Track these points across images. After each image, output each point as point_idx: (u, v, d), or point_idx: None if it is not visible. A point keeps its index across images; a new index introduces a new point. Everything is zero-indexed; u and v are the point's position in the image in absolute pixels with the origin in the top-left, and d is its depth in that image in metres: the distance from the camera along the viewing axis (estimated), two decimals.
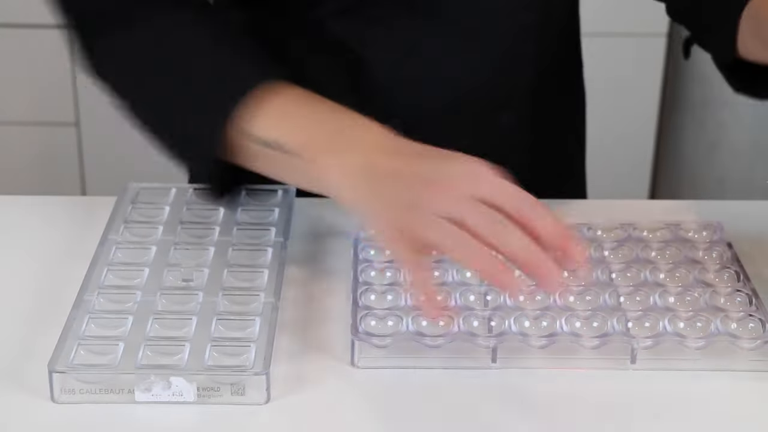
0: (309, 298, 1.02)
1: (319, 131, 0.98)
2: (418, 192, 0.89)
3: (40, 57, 2.41)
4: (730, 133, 2.45)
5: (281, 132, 0.98)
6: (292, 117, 1.00)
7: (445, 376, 0.93)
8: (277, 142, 0.98)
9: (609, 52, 2.35)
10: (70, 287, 1.00)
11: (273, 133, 0.98)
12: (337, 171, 0.94)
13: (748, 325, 0.96)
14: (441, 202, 0.87)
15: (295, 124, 0.99)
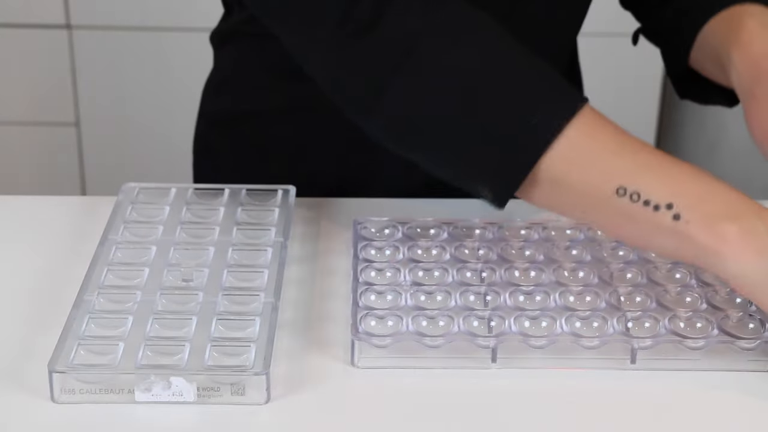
0: (309, 298, 1.02)
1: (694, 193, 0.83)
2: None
3: (40, 57, 2.41)
4: (730, 133, 2.45)
5: (634, 181, 0.84)
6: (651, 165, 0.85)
7: (445, 376, 0.93)
8: (636, 192, 0.84)
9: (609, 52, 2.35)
10: (70, 287, 1.00)
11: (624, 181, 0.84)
12: (741, 246, 0.82)
13: (748, 325, 0.96)
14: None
15: (659, 175, 0.85)
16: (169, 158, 2.38)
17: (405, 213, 1.11)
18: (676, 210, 0.82)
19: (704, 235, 0.82)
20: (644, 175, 0.85)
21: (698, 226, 0.82)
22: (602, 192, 0.86)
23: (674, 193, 0.83)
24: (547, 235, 1.08)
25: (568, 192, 0.88)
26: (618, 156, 0.86)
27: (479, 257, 1.05)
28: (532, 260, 1.04)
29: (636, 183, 0.84)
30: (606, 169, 0.86)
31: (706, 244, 0.82)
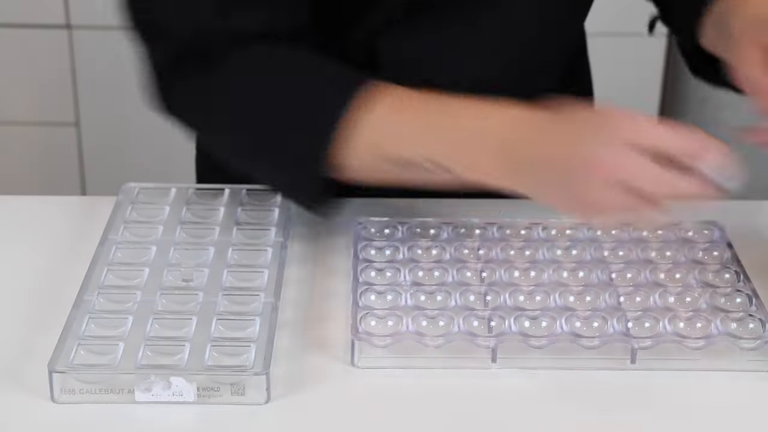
0: (309, 298, 1.02)
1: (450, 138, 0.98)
2: (582, 178, 0.91)
3: (40, 57, 2.41)
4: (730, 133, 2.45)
5: (416, 148, 0.98)
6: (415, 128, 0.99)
7: (445, 376, 0.93)
8: (414, 160, 0.98)
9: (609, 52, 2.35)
10: (70, 287, 1.00)
11: (409, 151, 0.99)
12: (481, 168, 0.96)
13: (748, 325, 0.96)
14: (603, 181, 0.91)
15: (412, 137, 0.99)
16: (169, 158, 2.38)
17: (405, 213, 1.11)
18: (437, 159, 0.97)
19: (467, 167, 0.98)
20: (402, 141, 0.99)
21: (457, 163, 0.97)
22: (369, 161, 1.00)
23: (431, 149, 0.98)
24: (547, 235, 1.08)
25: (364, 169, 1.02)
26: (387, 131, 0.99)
27: (479, 257, 1.04)
28: (532, 260, 1.04)
29: (396, 149, 0.99)
30: (377, 142, 0.99)
31: (469, 171, 0.98)
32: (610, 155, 0.91)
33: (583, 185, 0.92)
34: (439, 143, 0.98)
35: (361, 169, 1.02)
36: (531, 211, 1.14)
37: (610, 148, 0.91)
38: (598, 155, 0.91)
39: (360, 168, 1.01)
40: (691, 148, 0.92)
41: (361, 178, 1.03)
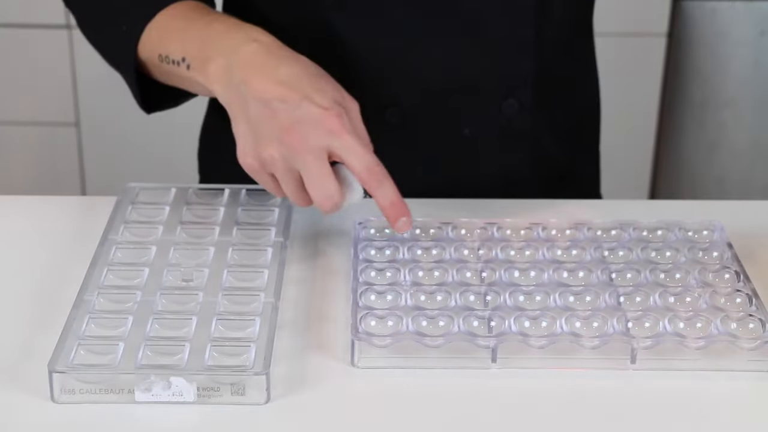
0: (309, 298, 1.02)
1: (196, 43, 1.03)
2: (277, 132, 0.96)
3: (40, 57, 2.41)
4: (730, 133, 2.46)
5: (166, 46, 1.06)
6: (176, 30, 1.06)
7: (445, 376, 0.93)
8: (167, 56, 1.06)
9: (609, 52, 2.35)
10: (70, 287, 1.00)
11: (162, 47, 1.06)
12: (209, 76, 1.01)
13: (748, 325, 0.96)
14: (293, 150, 0.96)
15: (178, 37, 1.06)
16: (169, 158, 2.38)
17: None
18: (187, 62, 1.03)
19: (202, 77, 1.02)
20: (168, 40, 1.06)
21: (198, 70, 1.02)
22: (155, 60, 1.07)
23: (185, 49, 1.04)
24: (547, 235, 1.08)
25: (151, 69, 1.10)
26: (165, 30, 1.07)
27: (479, 257, 1.05)
28: (532, 260, 1.04)
29: (164, 48, 1.06)
30: (156, 42, 1.07)
31: (204, 82, 1.02)
32: (296, 120, 0.95)
33: (256, 125, 0.97)
34: (187, 44, 1.04)
35: (153, 67, 1.08)
36: (531, 212, 1.14)
37: (303, 109, 0.95)
38: (286, 110, 0.95)
39: (152, 66, 1.08)
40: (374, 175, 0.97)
41: (159, 78, 1.09)
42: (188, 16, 1.08)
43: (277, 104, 0.97)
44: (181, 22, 1.07)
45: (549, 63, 1.19)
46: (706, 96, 2.43)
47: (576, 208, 1.18)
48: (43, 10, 2.38)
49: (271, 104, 0.97)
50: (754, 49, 2.40)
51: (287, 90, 0.97)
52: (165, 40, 1.07)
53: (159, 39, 1.07)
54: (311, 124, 0.96)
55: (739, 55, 2.40)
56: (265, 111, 0.97)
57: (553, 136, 1.24)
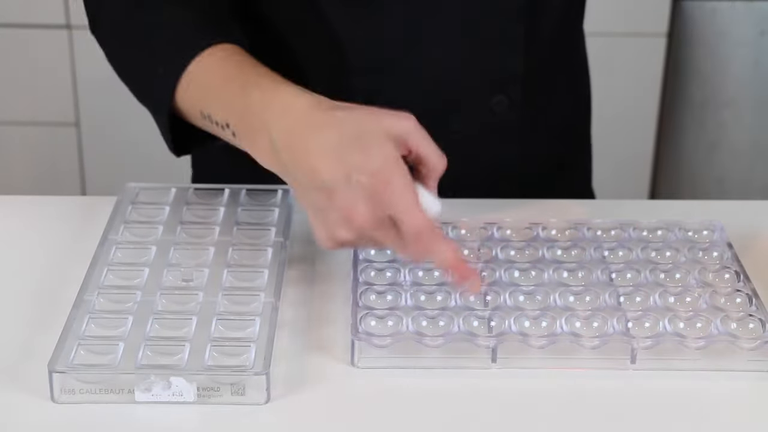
0: (309, 298, 1.02)
1: (236, 113, 0.99)
2: (341, 215, 0.92)
3: (40, 57, 2.41)
4: (730, 133, 2.46)
5: (207, 105, 1.02)
6: (213, 90, 1.02)
7: (445, 376, 0.93)
8: (209, 115, 1.02)
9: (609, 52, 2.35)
10: (70, 287, 1.00)
11: (204, 106, 1.02)
12: (260, 154, 0.97)
13: (748, 325, 0.96)
14: (362, 230, 0.92)
15: (215, 98, 1.01)
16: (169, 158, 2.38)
17: None
18: (231, 129, 1.00)
19: (251, 151, 0.98)
20: (208, 99, 1.02)
21: (244, 142, 0.99)
22: (198, 115, 1.04)
23: (227, 116, 1.00)
24: (547, 235, 1.08)
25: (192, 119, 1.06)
26: (202, 88, 1.03)
27: (479, 257, 1.04)
28: (532, 260, 1.04)
29: (206, 107, 1.02)
30: (196, 98, 1.04)
31: (255, 157, 0.98)
32: (353, 201, 0.91)
33: (322, 212, 0.93)
34: (230, 111, 1.00)
35: (195, 119, 1.05)
36: (531, 212, 1.14)
37: (353, 186, 0.91)
38: (339, 191, 0.91)
39: (194, 118, 1.05)
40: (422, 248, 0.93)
41: (201, 126, 1.05)
42: (224, 72, 1.02)
43: (329, 185, 0.92)
44: (218, 80, 1.02)
45: (539, 60, 1.19)
46: (706, 96, 2.43)
47: (576, 208, 1.18)
48: (43, 10, 2.38)
49: (325, 187, 0.92)
50: (754, 49, 2.40)
51: (334, 166, 0.91)
52: (205, 99, 1.03)
53: (198, 96, 1.03)
54: (366, 200, 0.91)
55: (739, 55, 2.40)
56: (322, 195, 0.92)
57: (543, 132, 1.24)
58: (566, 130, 1.29)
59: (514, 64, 1.17)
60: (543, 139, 1.25)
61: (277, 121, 0.95)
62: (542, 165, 1.25)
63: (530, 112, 1.20)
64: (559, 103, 1.26)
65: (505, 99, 1.18)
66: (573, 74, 1.29)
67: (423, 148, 0.94)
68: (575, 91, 1.30)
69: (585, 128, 1.33)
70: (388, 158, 0.91)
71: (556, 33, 1.22)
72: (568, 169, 1.31)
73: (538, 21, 1.18)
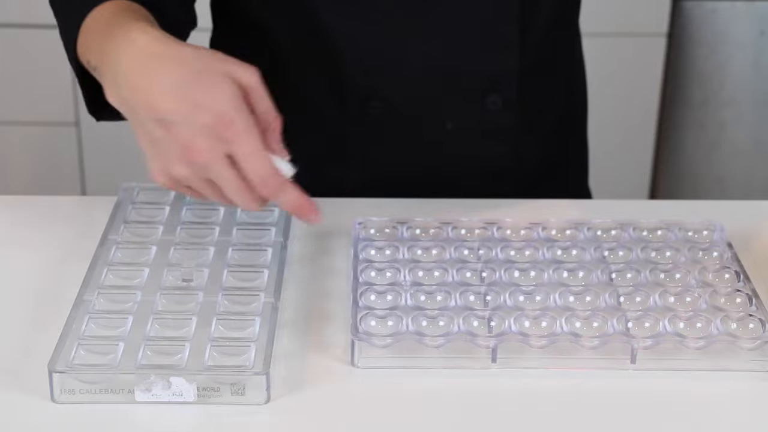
0: (309, 298, 1.02)
1: (98, 50, 1.00)
2: (179, 149, 0.91)
3: (40, 57, 2.41)
4: (730, 133, 2.46)
5: (90, 52, 1.02)
6: (94, 34, 1.02)
7: (445, 376, 0.93)
8: (89, 61, 1.02)
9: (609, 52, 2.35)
10: (70, 287, 1.00)
11: (89, 53, 1.02)
12: (107, 90, 0.98)
13: (748, 325, 0.96)
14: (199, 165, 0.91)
15: (94, 42, 1.02)
16: None
17: (405, 213, 1.11)
18: (99, 70, 0.99)
19: (103, 84, 0.99)
20: (91, 46, 1.02)
21: (100, 78, 0.99)
22: (89, 67, 1.03)
23: (96, 57, 1.00)
24: (547, 235, 1.08)
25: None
26: (88, 34, 1.03)
27: (479, 257, 1.04)
28: (532, 260, 1.04)
29: (89, 54, 1.02)
30: (85, 47, 1.03)
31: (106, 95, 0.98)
32: (193, 135, 0.90)
33: (159, 144, 0.92)
34: (97, 53, 1.00)
35: (92, 69, 1.03)
36: (531, 212, 1.14)
37: (196, 125, 0.90)
38: (178, 126, 0.91)
39: (90, 67, 1.03)
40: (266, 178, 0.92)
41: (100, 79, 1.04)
42: (103, 21, 1.03)
43: (169, 120, 0.91)
44: (98, 27, 1.03)
45: (533, 60, 1.19)
46: (706, 96, 2.43)
47: (575, 208, 1.18)
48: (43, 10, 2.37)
49: (164, 121, 0.92)
50: (754, 49, 2.40)
51: (175, 102, 0.91)
52: (88, 47, 1.03)
53: (85, 45, 1.04)
54: (207, 136, 0.90)
55: (739, 55, 2.40)
56: (161, 129, 0.92)
57: (538, 131, 1.24)
58: (561, 129, 1.29)
59: (507, 64, 1.17)
60: (538, 139, 1.25)
61: (121, 56, 0.96)
62: (537, 164, 1.25)
63: (524, 112, 1.21)
64: (554, 103, 1.26)
65: (498, 99, 1.18)
66: (568, 73, 1.29)
67: (262, 105, 0.93)
68: (571, 90, 1.30)
69: (581, 126, 1.33)
70: (231, 99, 0.91)
71: (550, 33, 1.22)
72: (563, 168, 1.31)
73: (532, 21, 1.18)
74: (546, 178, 1.26)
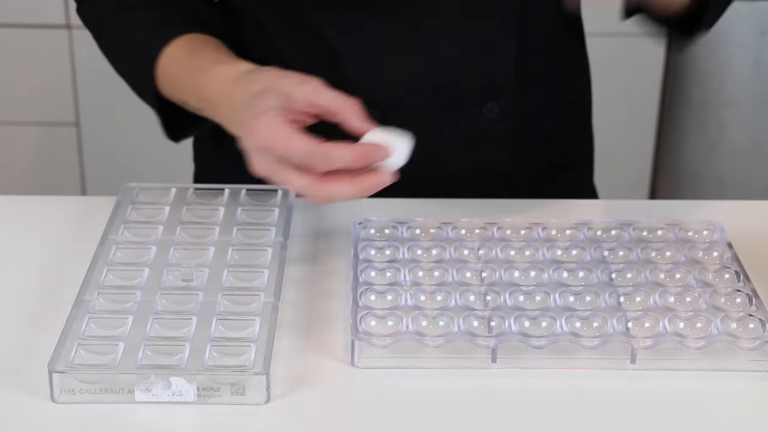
0: (309, 298, 1.02)
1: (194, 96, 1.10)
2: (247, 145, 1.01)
3: (40, 57, 2.41)
4: (730, 133, 2.45)
5: (179, 93, 1.11)
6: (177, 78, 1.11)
7: (445, 376, 0.93)
8: (185, 102, 1.11)
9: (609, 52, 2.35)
10: (70, 287, 1.00)
11: (179, 94, 1.11)
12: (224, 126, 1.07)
13: (748, 325, 0.96)
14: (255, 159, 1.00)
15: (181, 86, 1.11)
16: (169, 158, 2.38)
17: (405, 213, 1.11)
18: (206, 111, 1.09)
19: (220, 122, 1.07)
20: (179, 88, 1.11)
21: (215, 117, 1.08)
22: (181, 103, 1.12)
23: (193, 99, 1.10)
24: (547, 235, 1.08)
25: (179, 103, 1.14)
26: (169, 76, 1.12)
27: (479, 257, 1.04)
28: (532, 260, 1.04)
29: (180, 95, 1.11)
30: (171, 87, 1.13)
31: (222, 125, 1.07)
32: (261, 126, 0.98)
33: (248, 151, 1.00)
34: (193, 96, 1.10)
35: (182, 104, 1.13)
36: (531, 212, 1.14)
37: (261, 118, 0.98)
38: (251, 125, 0.99)
39: (177, 102, 1.13)
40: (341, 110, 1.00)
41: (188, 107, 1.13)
42: (180, 62, 1.11)
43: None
44: (177, 69, 1.11)
45: (533, 66, 1.19)
46: (706, 96, 2.43)
47: (576, 207, 1.18)
48: (43, 10, 2.37)
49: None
50: (754, 49, 2.40)
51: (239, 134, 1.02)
52: (175, 87, 1.12)
53: (171, 86, 1.12)
54: (258, 154, 0.99)
55: (739, 55, 2.40)
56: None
57: (537, 137, 1.24)
58: (564, 132, 1.28)
59: (505, 73, 1.17)
60: (537, 144, 1.24)
61: (216, 96, 1.06)
62: (538, 168, 1.25)
63: (523, 119, 1.20)
64: (554, 108, 1.26)
65: (495, 106, 1.18)
66: (570, 77, 1.29)
67: (329, 101, 1.00)
68: (573, 93, 1.29)
69: (586, 127, 1.33)
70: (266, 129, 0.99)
71: (551, 40, 1.22)
72: (569, 170, 1.30)
73: (530, 30, 1.18)
74: (548, 179, 1.26)
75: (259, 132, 0.98)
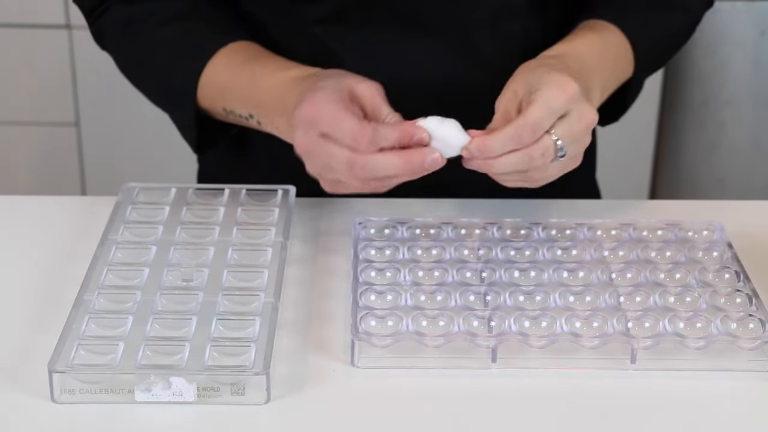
0: (309, 298, 1.02)
1: (252, 102, 1.10)
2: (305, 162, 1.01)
3: (40, 57, 2.41)
4: (730, 133, 2.45)
5: (226, 101, 1.12)
6: (227, 86, 1.12)
7: (445, 376, 0.93)
8: (232, 110, 1.12)
9: None
10: (70, 287, 1.00)
11: (224, 102, 1.12)
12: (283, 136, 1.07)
13: (748, 325, 0.96)
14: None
15: (231, 92, 1.11)
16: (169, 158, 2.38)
17: (405, 213, 1.12)
18: (256, 118, 1.10)
19: (274, 131, 1.09)
20: (230, 96, 1.12)
21: (268, 126, 1.10)
22: (221, 111, 1.14)
23: (248, 107, 1.11)
24: (546, 235, 1.08)
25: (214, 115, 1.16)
26: (216, 86, 1.13)
27: (479, 257, 1.05)
28: (532, 260, 1.04)
29: (229, 104, 1.12)
30: (213, 97, 1.14)
31: (278, 134, 1.08)
32: (313, 99, 0.99)
33: (295, 128, 1.00)
34: (247, 103, 1.10)
35: (216, 115, 1.15)
36: (531, 212, 1.14)
37: (316, 93, 0.99)
38: (304, 98, 0.99)
39: (214, 114, 1.15)
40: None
41: (224, 120, 1.15)
42: (233, 69, 1.12)
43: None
44: (228, 77, 1.11)
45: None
46: (706, 96, 2.43)
47: (576, 207, 1.18)
48: (43, 10, 2.37)
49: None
50: (754, 49, 2.40)
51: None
52: (223, 97, 1.12)
53: (216, 95, 1.12)
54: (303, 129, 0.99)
55: (739, 54, 2.40)
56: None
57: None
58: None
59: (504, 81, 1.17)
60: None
61: (276, 102, 1.06)
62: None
63: None
64: None
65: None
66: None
67: (372, 109, 1.00)
68: None
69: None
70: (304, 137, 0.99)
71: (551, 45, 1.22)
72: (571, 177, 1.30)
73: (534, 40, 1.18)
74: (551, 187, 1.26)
75: (309, 104, 0.98)
